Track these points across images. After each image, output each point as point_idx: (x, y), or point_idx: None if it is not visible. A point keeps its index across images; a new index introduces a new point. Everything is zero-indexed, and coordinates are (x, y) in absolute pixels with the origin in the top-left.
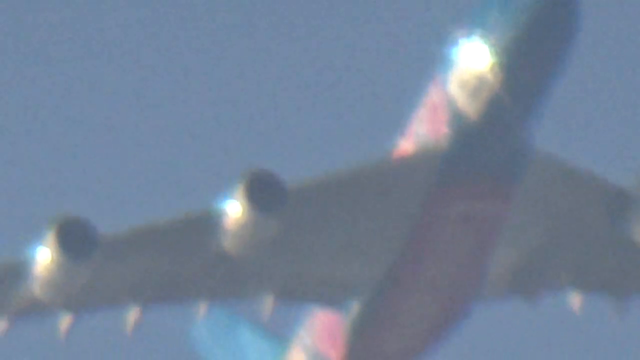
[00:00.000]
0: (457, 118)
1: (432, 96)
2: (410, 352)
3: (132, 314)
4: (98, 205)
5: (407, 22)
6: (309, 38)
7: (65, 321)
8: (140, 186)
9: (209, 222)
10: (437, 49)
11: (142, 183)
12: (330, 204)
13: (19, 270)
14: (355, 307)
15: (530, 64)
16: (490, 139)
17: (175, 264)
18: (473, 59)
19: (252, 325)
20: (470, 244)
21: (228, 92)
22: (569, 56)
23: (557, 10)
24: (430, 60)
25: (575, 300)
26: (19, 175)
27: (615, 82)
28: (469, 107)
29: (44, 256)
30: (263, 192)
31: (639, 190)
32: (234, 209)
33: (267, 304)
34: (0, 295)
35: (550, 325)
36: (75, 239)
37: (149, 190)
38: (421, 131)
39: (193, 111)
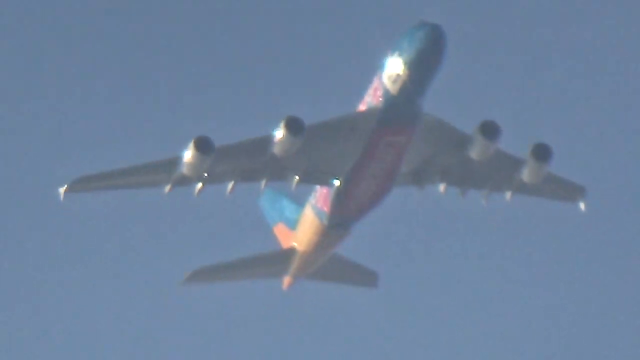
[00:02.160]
0: (386, 94)
1: (375, 81)
2: (364, 206)
3: (230, 186)
4: (221, 128)
5: (364, 41)
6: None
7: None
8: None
9: (267, 140)
10: (380, 58)
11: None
12: (326, 133)
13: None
14: (337, 183)
15: (423, 67)
16: (402, 105)
17: (249, 161)
18: (396, 63)
19: (287, 195)
20: (391, 157)
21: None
22: (441, 65)
23: (433, 46)
24: (377, 63)
25: (442, 188)
26: None
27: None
28: (392, 87)
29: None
30: (293, 124)
31: (475, 134)
32: (280, 133)
33: (294, 184)
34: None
35: (432, 199)
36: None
37: (243, 122)
38: (369, 100)
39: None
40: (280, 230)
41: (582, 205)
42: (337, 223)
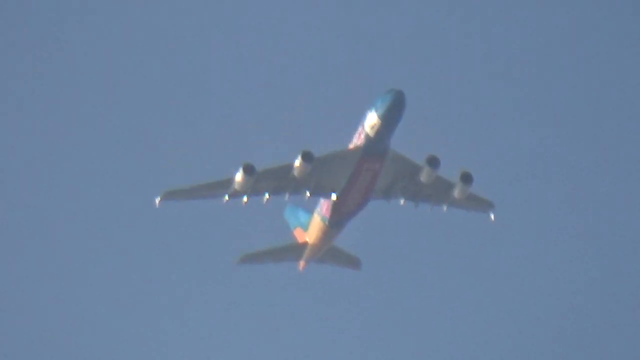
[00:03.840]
0: (366, 137)
1: (360, 128)
2: (351, 212)
3: (266, 198)
4: (264, 155)
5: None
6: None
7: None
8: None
9: (289, 166)
10: (363, 113)
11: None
12: (328, 162)
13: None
14: (334, 197)
15: (390, 119)
16: (376, 144)
17: (277, 180)
18: (373, 116)
19: (300, 208)
20: (369, 179)
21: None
22: (402, 117)
23: (397, 106)
24: (361, 116)
25: (402, 202)
26: None
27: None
28: (370, 132)
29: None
30: (307, 156)
31: (423, 165)
32: (297, 162)
33: (306, 196)
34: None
35: (393, 208)
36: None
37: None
38: (355, 141)
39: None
40: (297, 232)
41: (492, 215)
42: (335, 223)
